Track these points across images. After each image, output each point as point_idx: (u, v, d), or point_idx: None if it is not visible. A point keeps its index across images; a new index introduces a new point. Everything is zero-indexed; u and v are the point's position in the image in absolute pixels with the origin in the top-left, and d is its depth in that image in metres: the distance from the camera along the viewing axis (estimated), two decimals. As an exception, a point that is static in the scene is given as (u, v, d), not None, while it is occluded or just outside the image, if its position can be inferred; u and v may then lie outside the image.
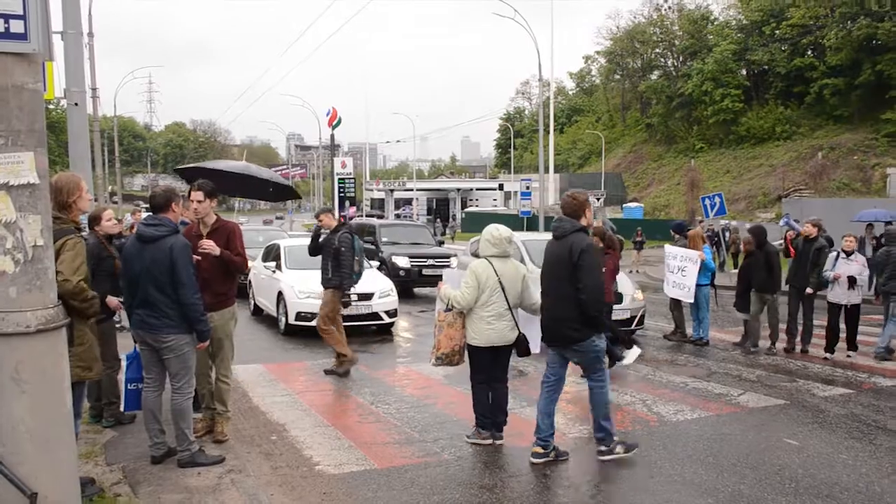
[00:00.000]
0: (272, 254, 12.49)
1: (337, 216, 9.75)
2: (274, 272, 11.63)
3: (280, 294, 11.09)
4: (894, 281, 9.25)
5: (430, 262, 15.88)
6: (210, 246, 5.46)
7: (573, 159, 74.70)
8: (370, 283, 10.90)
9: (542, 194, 31.47)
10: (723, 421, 6.54)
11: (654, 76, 67.98)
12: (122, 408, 5.95)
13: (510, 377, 5.96)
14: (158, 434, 5.12)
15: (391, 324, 11.38)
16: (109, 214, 6.00)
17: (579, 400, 7.24)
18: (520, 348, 5.63)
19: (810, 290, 9.59)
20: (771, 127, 53.19)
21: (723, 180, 50.64)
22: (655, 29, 67.11)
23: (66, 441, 3.39)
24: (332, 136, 40.39)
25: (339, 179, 33.80)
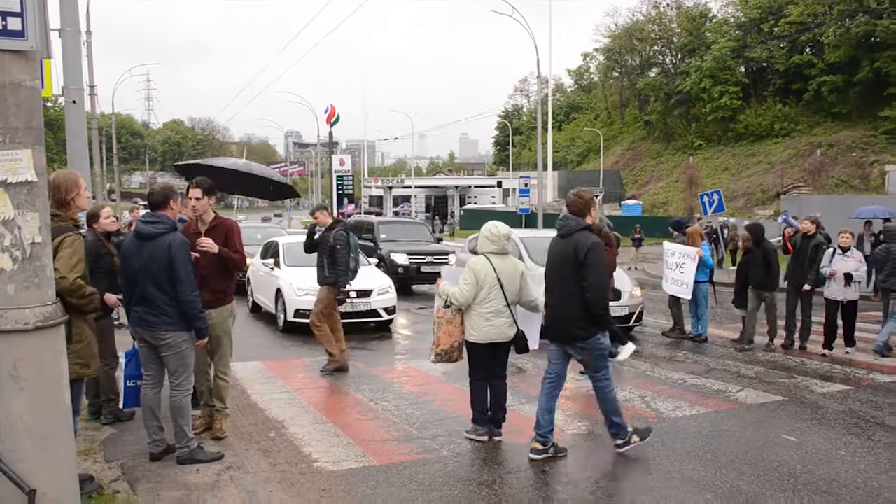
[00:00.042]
0: (271, 251, 12.47)
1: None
2: (272, 269, 11.62)
3: (279, 291, 11.09)
4: (894, 278, 9.27)
5: (429, 259, 15.86)
6: (208, 243, 5.46)
7: (572, 156, 74.74)
8: (369, 280, 10.91)
9: (541, 191, 31.46)
10: (721, 417, 6.55)
11: (653, 73, 68.02)
12: (121, 405, 5.96)
13: (509, 374, 5.97)
14: (157, 431, 5.12)
15: (390, 321, 11.38)
16: (108, 212, 6.00)
17: (578, 397, 7.26)
18: (518, 345, 5.63)
19: (808, 287, 9.61)
20: (769, 124, 53.25)
21: (721, 177, 50.69)
22: (654, 26, 67.16)
23: (65, 438, 3.39)
24: (331, 134, 40.46)
25: (338, 177, 33.83)
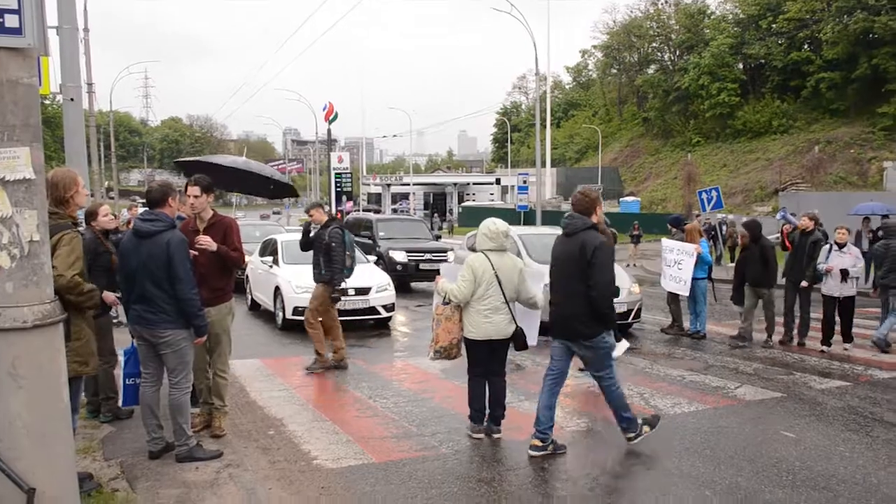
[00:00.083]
0: (269, 249, 12.46)
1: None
2: (271, 267, 11.62)
3: (277, 289, 11.09)
4: (894, 274, 9.28)
5: (427, 257, 15.86)
6: (207, 241, 5.46)
7: (570, 154, 74.66)
8: (367, 278, 10.91)
9: (539, 189, 31.46)
10: (720, 414, 6.56)
11: (651, 70, 68.00)
12: (120, 403, 5.97)
13: (508, 371, 5.97)
14: (156, 429, 5.12)
15: (388, 318, 11.38)
16: (106, 210, 5.99)
17: (578, 394, 7.26)
18: (517, 342, 5.63)
19: (806, 284, 9.62)
20: (767, 121, 53.24)
21: (719, 174, 50.71)
22: (652, 23, 67.11)
23: (64, 436, 3.38)
24: (329, 131, 40.40)
25: (336, 174, 33.73)
